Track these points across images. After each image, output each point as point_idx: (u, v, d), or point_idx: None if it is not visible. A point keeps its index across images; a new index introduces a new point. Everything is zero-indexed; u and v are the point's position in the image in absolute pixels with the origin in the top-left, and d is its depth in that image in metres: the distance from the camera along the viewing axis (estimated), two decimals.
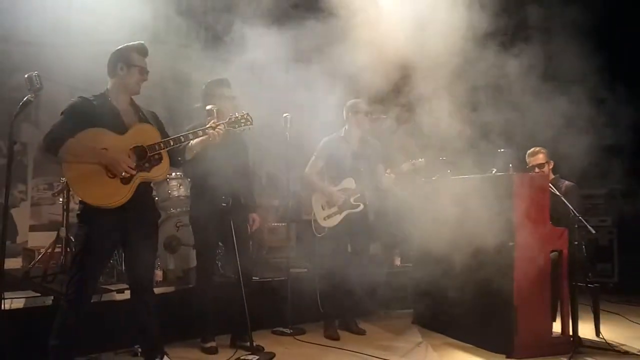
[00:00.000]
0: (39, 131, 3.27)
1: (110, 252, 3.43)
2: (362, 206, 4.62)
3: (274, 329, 4.57)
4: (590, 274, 4.48)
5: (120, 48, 3.34)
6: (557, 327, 4.19)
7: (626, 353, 4.14)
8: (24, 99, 3.03)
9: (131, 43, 3.36)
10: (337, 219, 4.59)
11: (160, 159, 3.31)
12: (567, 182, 4.62)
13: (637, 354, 4.12)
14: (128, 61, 3.31)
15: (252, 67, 4.30)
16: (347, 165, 4.65)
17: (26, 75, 3.01)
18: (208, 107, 3.71)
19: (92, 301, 3.53)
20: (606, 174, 6.70)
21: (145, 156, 3.25)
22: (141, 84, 3.38)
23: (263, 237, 5.93)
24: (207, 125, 3.42)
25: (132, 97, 3.44)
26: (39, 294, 3.84)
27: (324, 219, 4.60)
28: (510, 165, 4.36)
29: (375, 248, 5.89)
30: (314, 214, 4.64)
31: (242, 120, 3.53)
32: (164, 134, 3.42)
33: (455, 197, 4.56)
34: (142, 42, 3.38)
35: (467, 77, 4.76)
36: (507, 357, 3.91)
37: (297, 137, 4.71)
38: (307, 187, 4.79)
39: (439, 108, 4.62)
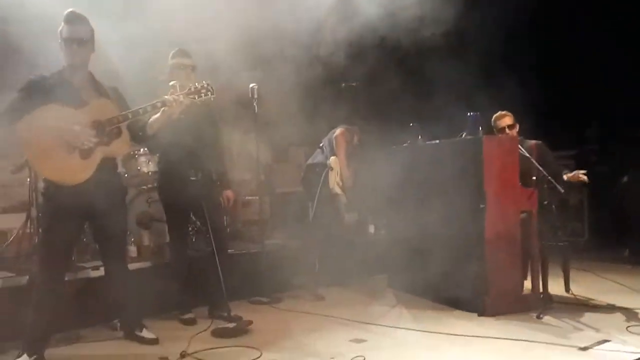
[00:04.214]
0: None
1: (77, 228, 3.41)
2: None
3: (252, 299, 4.62)
4: (560, 233, 4.60)
5: None
6: (528, 285, 4.30)
7: (595, 306, 4.27)
8: None
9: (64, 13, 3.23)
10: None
11: (120, 133, 3.28)
12: (532, 142, 4.67)
13: (605, 306, 4.26)
14: (61, 35, 3.23)
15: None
16: None
17: None
18: (171, 83, 3.65)
19: (68, 279, 3.57)
20: (577, 135, 6.87)
21: (103, 130, 3.21)
22: (79, 56, 3.25)
23: (237, 211, 5.94)
24: (165, 97, 3.36)
25: (91, 71, 3.38)
26: (13, 274, 3.83)
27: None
28: (480, 128, 4.39)
29: (352, 217, 5.96)
30: (333, 182, 4.88)
31: (203, 91, 3.46)
32: (125, 109, 3.37)
33: (426, 162, 4.62)
34: (72, 9, 3.23)
35: None
36: (479, 316, 4.01)
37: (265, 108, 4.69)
38: (336, 161, 4.93)
39: None
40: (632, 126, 6.46)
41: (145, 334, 3.58)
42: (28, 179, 4.50)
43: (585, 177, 4.45)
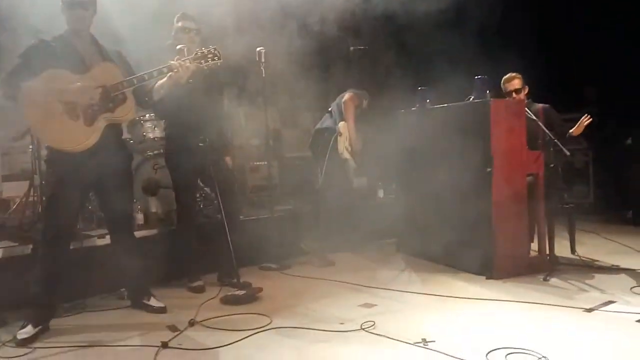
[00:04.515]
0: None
1: (82, 196, 3.38)
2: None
3: (261, 265, 4.63)
4: (565, 195, 4.59)
5: None
6: (535, 247, 4.32)
7: (600, 268, 4.32)
8: None
9: None
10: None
11: (125, 99, 3.21)
12: (541, 105, 4.64)
13: (610, 268, 4.31)
14: (63, 0, 3.14)
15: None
16: None
17: None
18: (178, 47, 3.57)
19: (74, 247, 3.55)
20: (576, 98, 6.84)
21: (108, 96, 3.14)
22: (83, 20, 3.18)
23: (246, 177, 5.92)
24: (171, 63, 3.29)
25: (93, 35, 3.29)
26: (16, 244, 3.81)
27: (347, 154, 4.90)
28: (488, 92, 4.33)
29: (361, 182, 5.97)
30: (342, 147, 4.82)
31: (209, 56, 3.39)
32: (129, 73, 3.29)
33: (434, 126, 4.58)
34: None
35: None
36: (487, 279, 4.04)
37: (272, 72, 4.60)
38: (345, 126, 4.86)
39: None
40: (632, 87, 6.42)
41: (153, 302, 3.57)
42: (30, 147, 4.45)
43: (588, 120, 4.45)
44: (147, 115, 4.76)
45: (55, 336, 3.16)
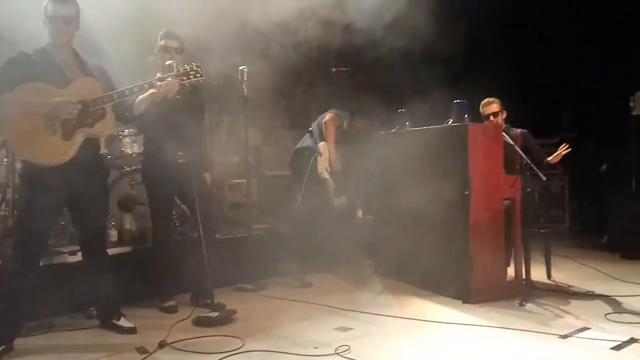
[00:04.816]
0: None
1: (55, 212, 3.32)
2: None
3: (237, 286, 4.56)
4: (542, 220, 4.64)
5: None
6: (511, 271, 4.34)
7: (575, 293, 4.34)
8: None
9: None
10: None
11: (104, 114, 3.18)
12: (519, 130, 4.71)
13: (584, 294, 4.33)
14: (46, 13, 3.13)
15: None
16: None
17: None
18: (167, 63, 3.55)
19: (43, 264, 3.46)
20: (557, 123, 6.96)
21: (87, 111, 3.10)
22: (65, 34, 3.16)
23: (224, 194, 5.87)
24: (154, 79, 3.27)
25: (75, 49, 3.26)
26: None
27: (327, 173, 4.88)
28: (466, 115, 4.38)
29: (341, 201, 5.97)
30: (322, 167, 4.81)
31: (192, 73, 3.38)
32: (110, 88, 3.27)
33: (413, 148, 4.61)
34: None
35: None
36: (464, 302, 4.04)
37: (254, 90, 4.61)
38: (325, 147, 4.86)
39: None
40: (607, 113, 6.56)
41: (123, 322, 3.48)
42: (5, 159, 4.36)
43: (566, 150, 4.54)
44: (126, 130, 4.71)
45: (19, 356, 3.06)
